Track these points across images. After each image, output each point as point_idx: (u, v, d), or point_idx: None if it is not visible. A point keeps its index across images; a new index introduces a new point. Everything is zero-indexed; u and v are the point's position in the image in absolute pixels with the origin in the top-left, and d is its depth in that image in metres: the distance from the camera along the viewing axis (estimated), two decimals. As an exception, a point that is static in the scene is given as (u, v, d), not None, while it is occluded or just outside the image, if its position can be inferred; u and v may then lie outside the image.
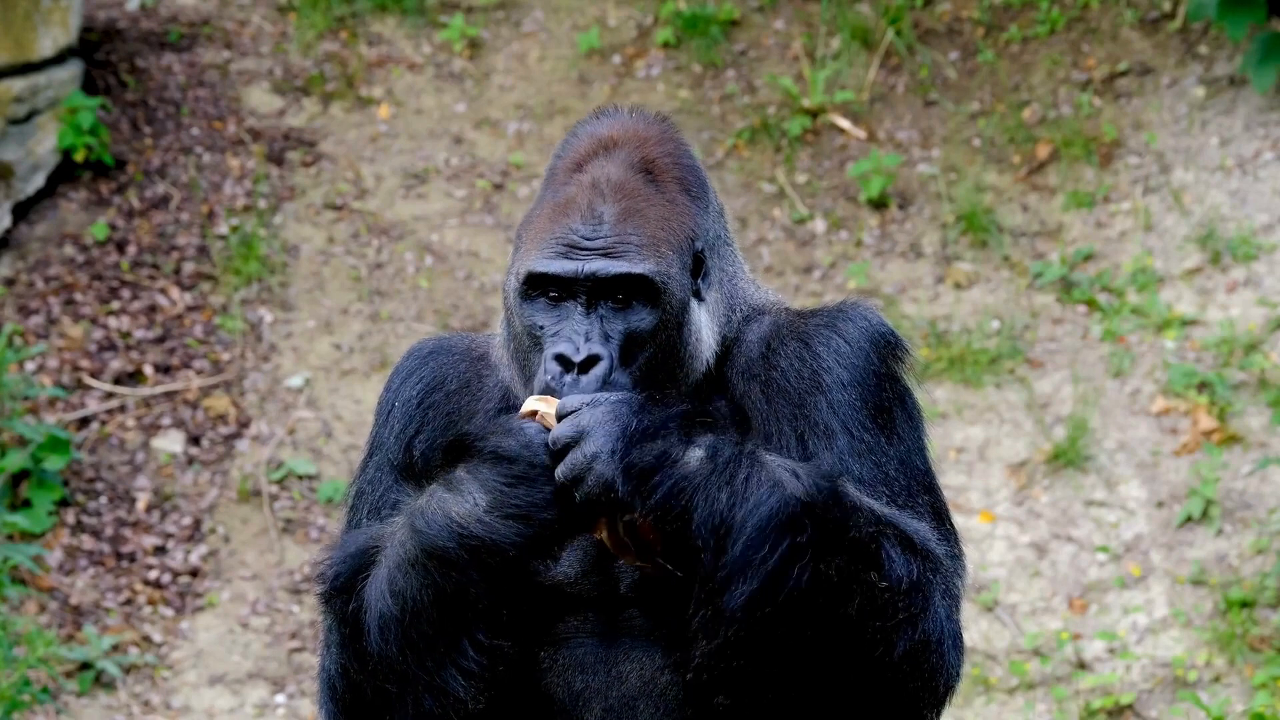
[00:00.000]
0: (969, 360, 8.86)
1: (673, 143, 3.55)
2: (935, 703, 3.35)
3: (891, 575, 3.23)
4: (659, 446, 3.19)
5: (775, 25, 10.30)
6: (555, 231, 3.41)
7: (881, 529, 3.25)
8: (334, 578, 3.38)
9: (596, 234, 3.40)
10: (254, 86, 10.12)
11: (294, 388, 8.99)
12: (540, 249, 3.40)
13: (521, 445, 3.23)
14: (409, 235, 9.59)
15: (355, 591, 3.35)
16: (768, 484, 3.18)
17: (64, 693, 7.88)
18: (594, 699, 3.42)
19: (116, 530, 8.49)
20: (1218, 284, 8.93)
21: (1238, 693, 7.60)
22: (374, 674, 3.33)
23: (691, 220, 3.49)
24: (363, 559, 3.37)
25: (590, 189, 3.44)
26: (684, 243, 3.46)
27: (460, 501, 3.24)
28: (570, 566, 3.43)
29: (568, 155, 3.53)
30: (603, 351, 3.35)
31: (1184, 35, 9.85)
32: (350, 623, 3.34)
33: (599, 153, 3.49)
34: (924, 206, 9.58)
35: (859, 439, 3.41)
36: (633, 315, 3.40)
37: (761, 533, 3.16)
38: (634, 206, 3.43)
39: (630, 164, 3.48)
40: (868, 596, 3.21)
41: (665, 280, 3.40)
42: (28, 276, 9.23)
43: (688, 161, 3.55)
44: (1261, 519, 8.06)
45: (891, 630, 3.23)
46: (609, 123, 3.55)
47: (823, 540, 3.17)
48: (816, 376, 3.44)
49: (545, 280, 3.39)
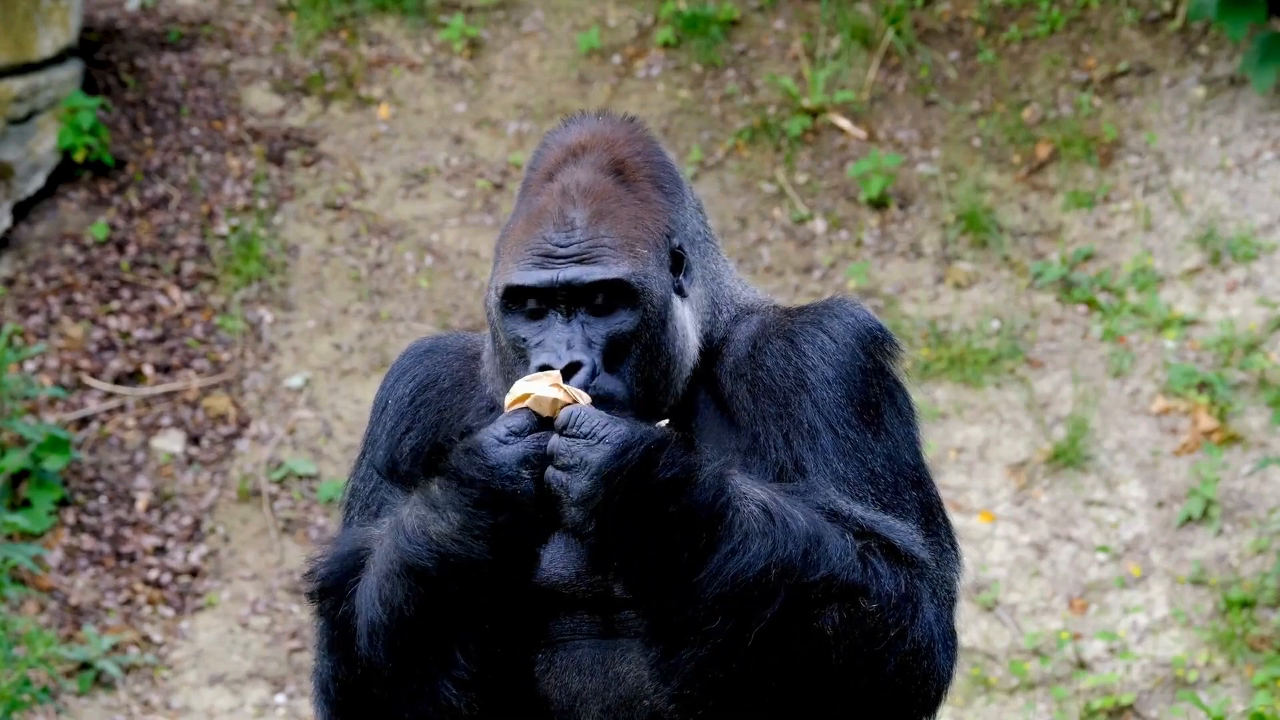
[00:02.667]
0: (969, 360, 8.86)
1: (642, 141, 3.54)
2: (927, 706, 3.35)
3: (881, 594, 3.22)
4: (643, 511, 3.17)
5: (775, 25, 10.30)
6: (529, 242, 3.40)
7: (868, 544, 3.25)
8: (324, 578, 3.39)
9: (570, 240, 3.39)
10: (254, 86, 10.12)
11: (294, 388, 8.99)
12: (516, 261, 3.40)
13: (486, 469, 3.20)
14: (409, 235, 9.59)
15: (345, 595, 3.36)
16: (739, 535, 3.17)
17: (64, 693, 7.88)
18: (591, 700, 3.42)
19: (116, 530, 8.49)
20: (1218, 284, 8.93)
21: (1238, 693, 7.60)
22: (364, 679, 3.33)
23: (666, 217, 3.48)
24: (352, 561, 3.38)
25: (561, 196, 3.43)
26: (660, 240, 3.45)
27: (437, 520, 3.23)
28: (565, 568, 3.42)
29: (539, 166, 3.53)
30: (584, 358, 3.34)
31: (1184, 35, 9.85)
32: (340, 625, 3.35)
33: (568, 160, 3.49)
34: (924, 206, 9.58)
35: (844, 437, 3.40)
36: (613, 320, 3.39)
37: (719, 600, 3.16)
38: (605, 208, 3.42)
39: (600, 167, 3.47)
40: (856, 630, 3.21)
41: (642, 280, 3.39)
42: (28, 276, 9.23)
43: (659, 159, 3.54)
44: (1261, 519, 8.06)
45: (883, 650, 3.22)
46: (576, 129, 3.55)
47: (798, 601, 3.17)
48: (801, 375, 3.43)
49: (523, 293, 3.39)
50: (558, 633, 3.44)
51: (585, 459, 3.16)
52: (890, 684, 3.24)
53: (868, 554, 3.23)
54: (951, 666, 3.36)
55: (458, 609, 3.26)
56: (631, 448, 3.16)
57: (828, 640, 3.19)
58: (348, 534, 3.48)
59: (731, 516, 3.17)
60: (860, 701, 3.25)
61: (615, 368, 3.39)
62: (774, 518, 3.19)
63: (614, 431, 3.17)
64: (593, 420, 3.19)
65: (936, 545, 3.43)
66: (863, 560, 3.22)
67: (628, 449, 3.16)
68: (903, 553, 3.28)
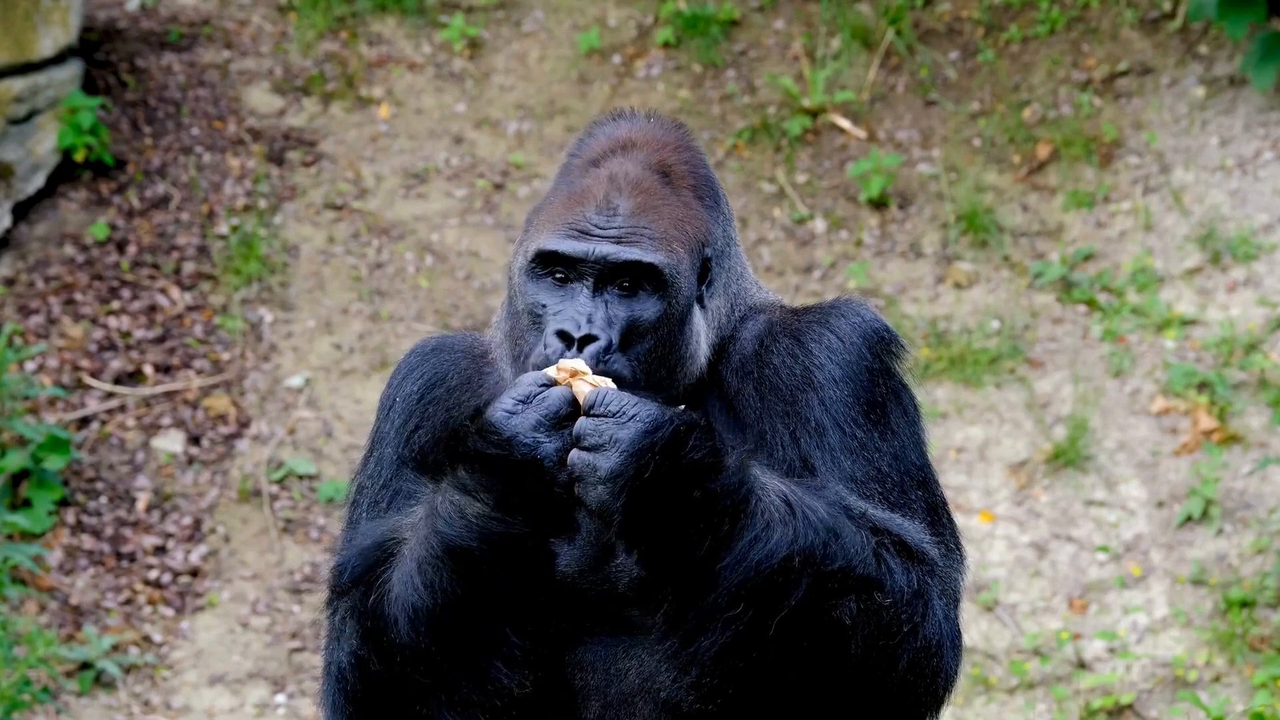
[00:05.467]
0: (969, 360, 8.87)
1: (689, 150, 3.56)
2: (935, 704, 3.36)
3: (894, 589, 3.23)
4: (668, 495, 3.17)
5: (775, 25, 10.30)
6: (569, 217, 3.42)
7: (881, 540, 3.26)
8: (351, 570, 3.38)
9: (611, 223, 3.40)
10: (254, 86, 10.12)
11: (294, 388, 8.99)
12: (552, 230, 3.41)
13: (503, 442, 3.20)
14: (409, 235, 9.59)
15: (374, 583, 3.35)
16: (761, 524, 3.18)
17: (64, 693, 7.88)
18: (593, 696, 3.42)
19: (116, 530, 8.49)
20: (1218, 284, 8.93)
21: (1238, 693, 7.60)
22: (404, 665, 3.31)
23: (705, 227, 3.50)
24: (379, 552, 3.37)
25: (608, 182, 3.45)
26: (695, 246, 3.46)
27: (471, 502, 3.22)
28: (570, 564, 3.43)
29: (584, 153, 3.54)
30: (602, 334, 3.35)
31: (1184, 35, 9.85)
32: (372, 615, 3.34)
33: (617, 152, 3.50)
34: (924, 206, 9.58)
35: (851, 435, 3.41)
36: (638, 304, 3.40)
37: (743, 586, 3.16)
38: (650, 203, 3.43)
39: (648, 165, 3.49)
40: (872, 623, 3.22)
41: (674, 273, 3.40)
42: (28, 276, 9.23)
43: (703, 170, 3.56)
44: (1261, 519, 8.07)
45: (897, 645, 3.24)
46: (627, 125, 3.57)
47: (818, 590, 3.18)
48: (809, 373, 3.44)
49: (555, 259, 3.39)
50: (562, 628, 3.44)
51: (615, 436, 3.15)
52: (902, 680, 3.25)
53: (881, 550, 3.24)
54: (958, 665, 3.37)
55: (506, 587, 3.25)
56: (662, 426, 3.16)
57: (846, 631, 3.20)
58: (368, 527, 3.48)
59: (755, 504, 3.17)
60: (872, 697, 3.26)
61: (627, 351, 3.39)
62: (794, 508, 3.20)
63: (644, 410, 3.17)
64: (622, 400, 3.18)
65: (942, 545, 3.44)
66: (877, 556, 3.23)
67: (658, 427, 3.15)
68: (915, 550, 3.29)
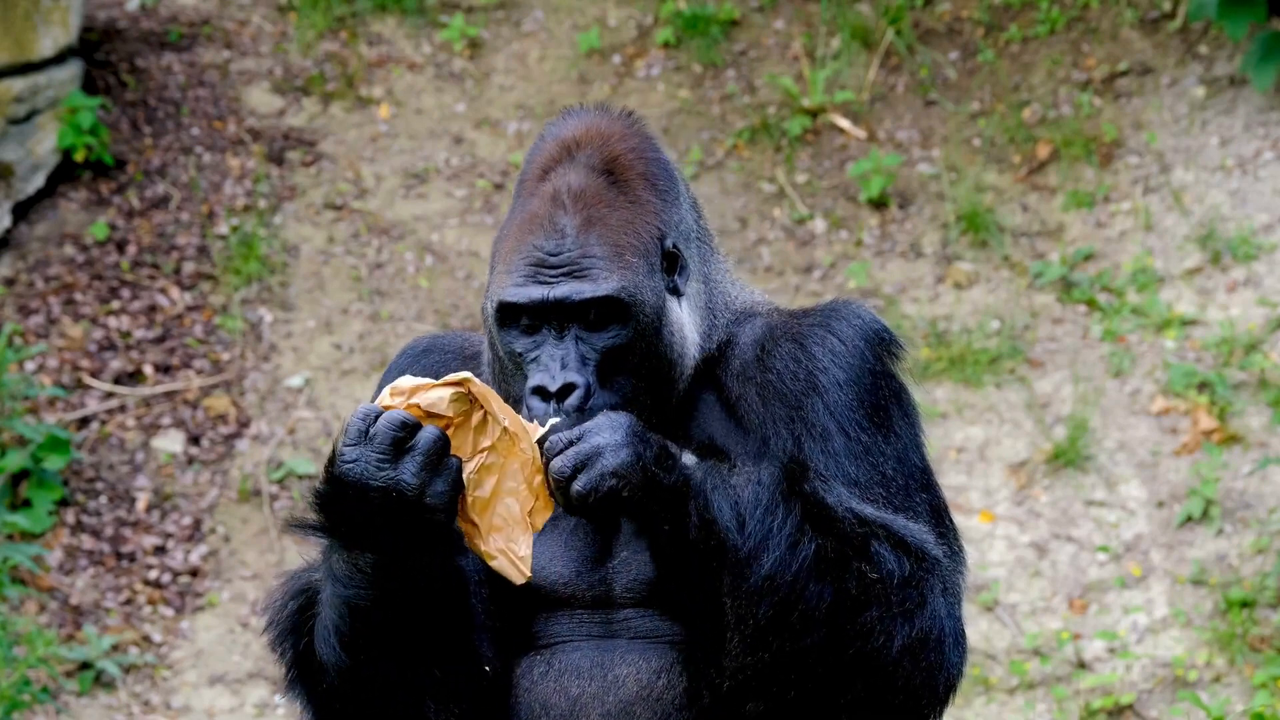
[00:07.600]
0: (969, 360, 8.86)
1: (637, 138, 3.54)
2: (936, 701, 3.36)
3: (882, 569, 3.25)
4: (658, 445, 3.25)
5: (775, 25, 10.30)
6: (522, 250, 3.43)
7: (870, 529, 3.28)
8: (279, 622, 3.47)
9: (560, 249, 3.40)
10: (254, 86, 10.12)
11: (294, 388, 8.99)
12: (509, 273, 3.42)
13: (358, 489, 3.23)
14: (409, 235, 9.59)
15: (303, 633, 3.43)
16: (751, 479, 3.27)
17: (64, 693, 7.88)
18: (591, 704, 3.41)
19: (116, 530, 8.49)
20: (1218, 284, 8.93)
21: (1238, 693, 7.60)
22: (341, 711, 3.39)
23: (658, 218, 3.49)
24: (305, 599, 3.46)
25: (552, 201, 3.45)
26: (651, 244, 3.46)
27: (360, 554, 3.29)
28: (564, 568, 3.42)
29: (535, 162, 3.54)
30: (578, 379, 3.37)
31: (1184, 35, 9.85)
32: (302, 664, 3.43)
33: (562, 158, 3.50)
34: (924, 206, 9.58)
35: (855, 439, 3.41)
36: (607, 334, 3.41)
37: (770, 506, 3.22)
38: (595, 215, 3.43)
39: (592, 167, 3.48)
40: (861, 583, 3.24)
41: (633, 294, 3.41)
42: (28, 276, 9.24)
43: (653, 154, 3.54)
44: (1261, 519, 8.06)
45: (889, 621, 3.24)
46: (573, 123, 3.56)
47: (812, 517, 3.25)
48: (812, 377, 3.44)
49: (517, 310, 3.41)
50: (556, 635, 3.44)
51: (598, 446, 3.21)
52: (899, 666, 3.26)
53: (870, 537, 3.27)
54: (961, 664, 3.37)
55: (415, 626, 3.29)
56: (640, 442, 3.23)
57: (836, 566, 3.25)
58: (296, 574, 3.55)
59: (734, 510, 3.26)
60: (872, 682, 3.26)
61: (613, 379, 3.41)
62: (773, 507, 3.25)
63: (618, 433, 3.23)
64: (601, 423, 3.25)
65: (946, 546, 3.44)
66: (861, 538, 3.27)
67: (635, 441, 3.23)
68: (912, 547, 3.30)
